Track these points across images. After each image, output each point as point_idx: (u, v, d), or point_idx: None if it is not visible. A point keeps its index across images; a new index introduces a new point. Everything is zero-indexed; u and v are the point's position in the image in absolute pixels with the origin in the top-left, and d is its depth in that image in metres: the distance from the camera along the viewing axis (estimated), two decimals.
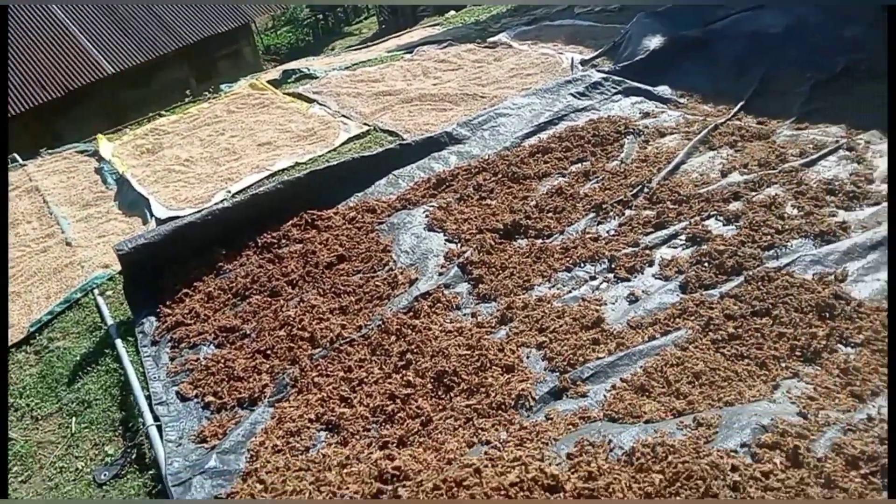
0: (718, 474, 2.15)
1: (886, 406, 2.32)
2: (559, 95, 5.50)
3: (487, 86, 6.41)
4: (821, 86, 5.22)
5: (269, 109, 6.98)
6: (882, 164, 4.15)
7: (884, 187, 3.91)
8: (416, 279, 3.93)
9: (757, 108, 5.16)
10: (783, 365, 2.84)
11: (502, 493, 2.28)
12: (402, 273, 4.00)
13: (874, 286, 3.19)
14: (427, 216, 4.45)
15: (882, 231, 3.47)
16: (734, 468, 2.16)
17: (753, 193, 4.07)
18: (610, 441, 2.46)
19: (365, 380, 3.27)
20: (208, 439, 3.09)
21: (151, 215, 5.38)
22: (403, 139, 5.41)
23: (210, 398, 3.36)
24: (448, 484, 2.37)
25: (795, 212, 3.84)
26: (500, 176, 4.72)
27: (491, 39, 7.83)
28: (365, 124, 6.11)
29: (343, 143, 5.91)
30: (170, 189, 5.78)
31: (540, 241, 4.06)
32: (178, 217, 4.65)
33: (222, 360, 3.59)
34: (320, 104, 6.83)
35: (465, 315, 3.61)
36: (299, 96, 7.24)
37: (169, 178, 5.97)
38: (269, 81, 8.13)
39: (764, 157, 4.42)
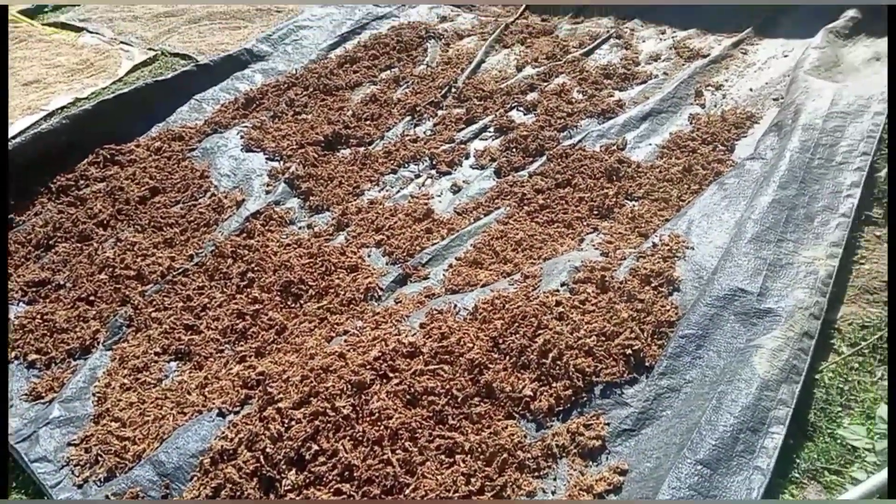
0: (546, 310, 2.53)
1: (665, 234, 2.86)
2: (356, 5, 5.46)
3: None
4: None
5: (29, 44, 6.02)
6: (644, 48, 4.80)
7: (648, 68, 4.55)
8: (243, 200, 3.84)
9: (537, 7, 5.59)
10: (585, 223, 3.32)
11: (368, 367, 2.46)
12: (226, 196, 3.87)
13: (647, 150, 3.78)
14: (242, 137, 4.29)
15: (651, 104, 4.08)
16: (558, 303, 2.56)
17: (545, 83, 4.51)
18: (455, 306, 2.74)
19: (208, 305, 3.21)
20: (44, 394, 2.86)
21: None
22: (198, 61, 5.05)
23: (34, 356, 3.07)
24: (316, 372, 2.50)
25: (581, 96, 4.34)
26: (311, 89, 4.66)
27: None
28: (150, 49, 5.57)
29: (129, 73, 5.35)
30: None
31: (362, 148, 4.15)
32: None
33: (38, 316, 3.26)
34: (91, 32, 6.04)
35: (300, 228, 3.64)
36: (64, 26, 6.31)
37: None
38: (19, 12, 6.94)
39: (550, 51, 4.87)
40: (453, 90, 4.56)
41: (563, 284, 2.71)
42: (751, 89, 4.13)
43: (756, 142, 3.46)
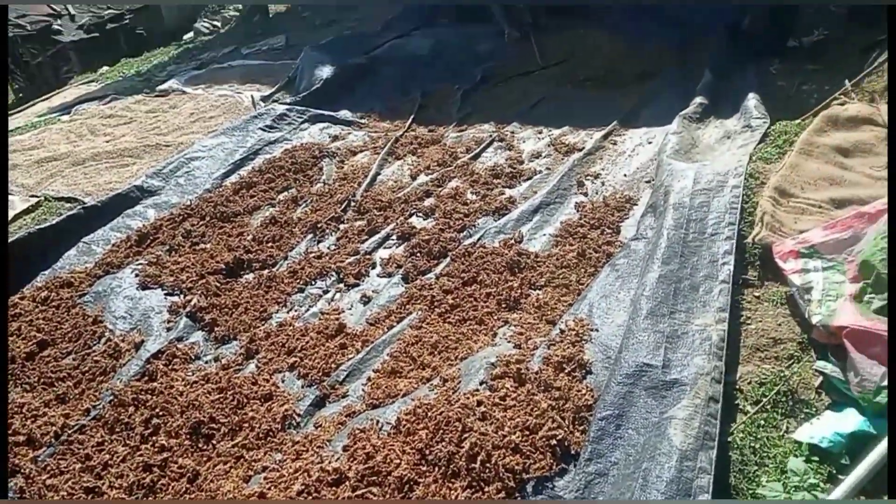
0: (469, 412, 2.52)
1: (570, 319, 2.98)
2: (249, 132, 5.58)
3: (169, 134, 6.15)
4: (468, 93, 6.25)
5: None
6: (525, 147, 5.17)
7: (532, 165, 4.89)
8: (142, 341, 3.64)
9: (425, 119, 5.95)
10: (496, 317, 3.40)
11: None
12: (123, 340, 3.67)
13: (542, 240, 3.99)
14: (137, 275, 4.14)
15: (539, 198, 4.35)
16: (479, 402, 2.56)
17: (440, 188, 4.72)
18: (377, 422, 2.68)
19: (110, 462, 2.95)
20: None
21: None
22: (85, 203, 4.90)
23: None
24: None
25: (474, 197, 4.57)
26: (208, 218, 4.62)
27: (161, 87, 7.50)
28: (32, 196, 5.36)
29: (9, 222, 5.09)
30: None
31: (266, 270, 4.11)
32: None
33: None
34: None
35: (207, 362, 3.49)
36: None
37: None
38: None
39: (441, 158, 5.13)
40: (352, 204, 4.67)
41: (482, 383, 2.73)
42: (625, 175, 4.52)
43: (637, 222, 3.75)
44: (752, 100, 4.68)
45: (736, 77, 5.32)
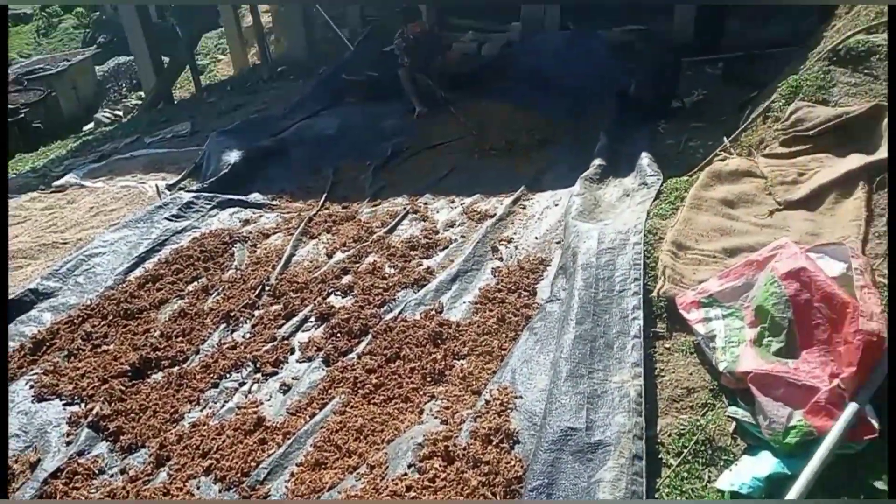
0: (398, 499, 2.42)
1: (494, 388, 2.96)
2: (154, 222, 5.39)
3: (67, 231, 5.84)
4: (379, 168, 6.36)
5: None
6: (439, 217, 5.26)
7: (447, 234, 4.96)
8: (39, 460, 3.32)
9: (339, 196, 5.97)
10: (422, 392, 3.34)
11: None
12: (16, 461, 3.32)
13: (462, 308, 4.01)
14: (32, 386, 3.80)
15: (456, 266, 4.40)
16: (409, 487, 2.47)
17: (357, 265, 4.68)
18: None
19: None
20: None
21: None
22: None
23: None
24: None
25: (392, 270, 4.56)
26: (111, 317, 4.35)
27: (57, 183, 7.15)
28: None
29: None
30: None
31: (177, 367, 3.88)
32: None
33: None
34: None
35: (112, 475, 3.20)
36: None
37: None
38: None
39: (356, 234, 5.13)
40: (267, 288, 4.55)
41: (410, 465, 2.65)
42: (536, 237, 4.66)
43: (551, 283, 3.84)
44: (645, 158, 5.00)
45: (629, 138, 5.70)
